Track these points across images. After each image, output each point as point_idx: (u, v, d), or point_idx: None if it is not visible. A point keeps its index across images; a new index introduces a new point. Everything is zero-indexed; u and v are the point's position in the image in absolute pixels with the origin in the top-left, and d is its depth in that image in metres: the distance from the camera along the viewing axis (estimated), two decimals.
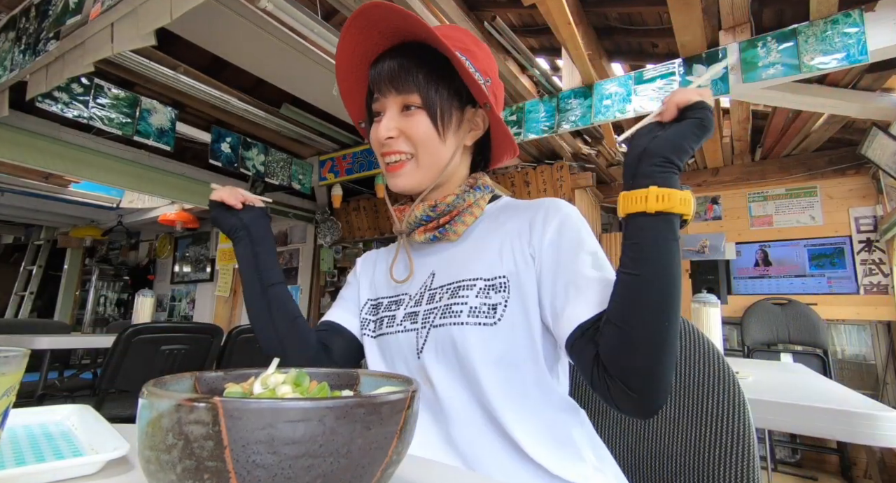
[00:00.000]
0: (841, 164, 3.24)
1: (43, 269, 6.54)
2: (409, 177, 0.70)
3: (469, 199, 0.73)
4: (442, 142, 0.69)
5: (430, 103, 0.67)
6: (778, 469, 3.08)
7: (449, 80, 0.69)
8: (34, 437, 0.49)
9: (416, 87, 0.67)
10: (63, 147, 3.28)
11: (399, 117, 0.69)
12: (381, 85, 0.69)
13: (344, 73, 0.74)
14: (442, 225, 0.72)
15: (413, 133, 0.68)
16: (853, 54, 1.85)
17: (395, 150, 0.69)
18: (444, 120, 0.69)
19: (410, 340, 0.69)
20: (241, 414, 0.28)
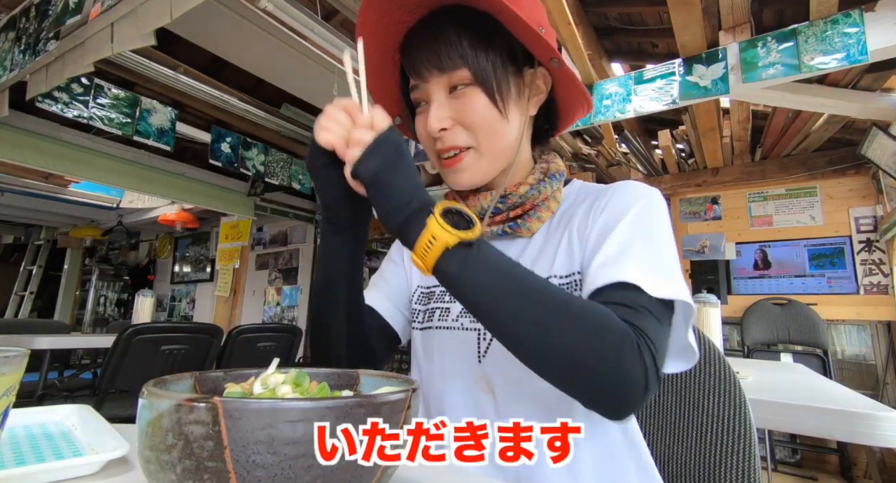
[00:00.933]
0: (841, 164, 3.24)
1: (43, 269, 6.54)
2: (471, 170, 0.59)
3: (545, 191, 0.63)
4: (505, 119, 0.58)
5: (483, 76, 0.56)
6: (778, 469, 3.08)
7: (498, 41, 0.57)
8: (34, 437, 0.49)
9: (462, 59, 0.55)
10: (63, 147, 3.28)
11: (448, 102, 0.57)
12: (419, 67, 0.57)
13: (370, 64, 0.59)
14: (513, 219, 0.63)
15: (469, 117, 0.57)
16: (853, 54, 1.85)
17: (451, 144, 0.58)
18: (503, 92, 0.57)
19: (469, 341, 0.61)
20: (241, 414, 0.28)
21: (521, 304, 0.45)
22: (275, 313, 4.84)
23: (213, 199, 4.21)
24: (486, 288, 0.45)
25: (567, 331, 0.44)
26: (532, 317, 0.44)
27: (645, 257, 0.51)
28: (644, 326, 0.46)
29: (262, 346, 2.65)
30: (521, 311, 0.45)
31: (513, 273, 0.47)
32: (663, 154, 3.58)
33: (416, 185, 0.49)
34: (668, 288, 0.49)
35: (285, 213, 4.60)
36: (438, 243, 0.44)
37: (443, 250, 0.45)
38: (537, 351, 0.45)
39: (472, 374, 0.60)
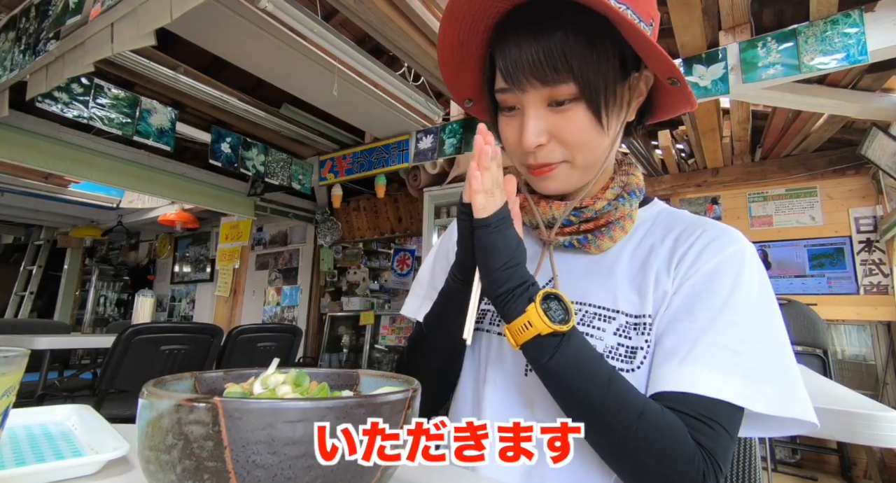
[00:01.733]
0: (841, 165, 3.24)
1: (43, 269, 6.54)
2: (562, 181, 0.57)
3: (623, 209, 0.59)
4: (605, 134, 0.54)
5: (591, 93, 0.51)
6: (778, 469, 3.08)
7: (610, 48, 0.51)
8: (34, 437, 0.49)
9: (570, 73, 0.49)
10: (63, 147, 3.28)
11: (547, 116, 0.53)
12: (518, 76, 0.51)
13: (450, 44, 0.56)
14: (583, 232, 0.59)
15: (570, 136, 0.53)
16: (853, 54, 1.85)
17: (545, 161, 0.55)
18: (609, 106, 0.52)
19: (517, 352, 0.57)
20: (241, 414, 0.28)
21: (599, 404, 0.46)
22: (275, 313, 4.84)
23: (213, 199, 4.21)
24: (567, 381, 0.47)
25: (637, 443, 0.45)
26: (606, 418, 0.46)
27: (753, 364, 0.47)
28: (714, 449, 0.45)
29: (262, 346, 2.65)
30: (597, 410, 0.46)
31: (597, 372, 0.47)
32: (663, 154, 3.58)
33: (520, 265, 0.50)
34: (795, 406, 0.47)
35: (285, 214, 4.60)
36: (533, 330, 0.47)
37: (535, 336, 0.47)
38: (607, 450, 0.47)
39: (515, 385, 0.58)
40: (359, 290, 5.18)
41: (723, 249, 0.53)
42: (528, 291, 0.48)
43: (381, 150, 3.50)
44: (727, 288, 0.50)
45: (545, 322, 0.46)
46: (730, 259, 0.52)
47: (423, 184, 3.64)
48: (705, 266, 0.52)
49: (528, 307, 0.47)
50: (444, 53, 0.57)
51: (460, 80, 0.62)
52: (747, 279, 0.51)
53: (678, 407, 0.47)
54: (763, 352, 0.48)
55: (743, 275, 0.51)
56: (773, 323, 0.50)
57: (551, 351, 0.47)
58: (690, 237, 0.56)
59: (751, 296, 0.50)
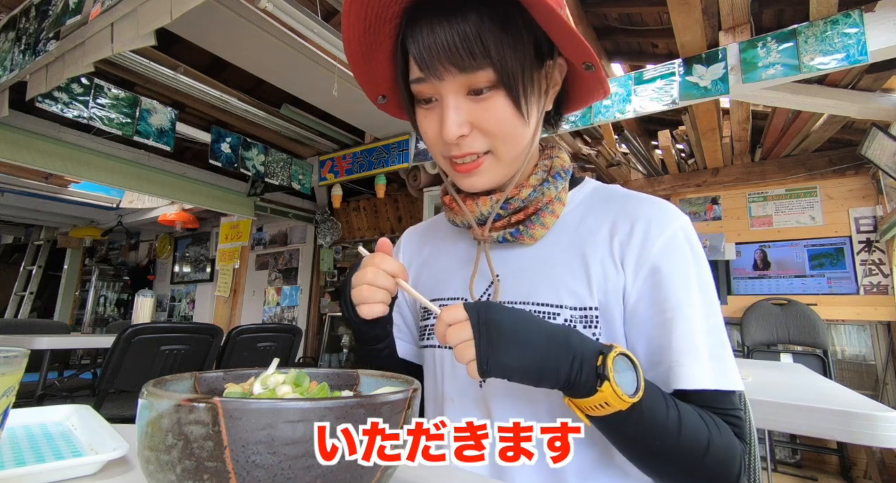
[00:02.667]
0: (841, 165, 3.24)
1: (43, 270, 6.54)
2: (489, 174, 0.55)
3: (549, 193, 0.57)
4: (525, 123, 0.53)
5: (510, 79, 0.49)
6: (778, 469, 3.08)
7: (525, 34, 0.49)
8: (34, 437, 0.49)
9: (488, 60, 0.48)
10: (63, 147, 3.28)
11: (467, 105, 0.51)
12: (435, 65, 0.48)
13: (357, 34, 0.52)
14: (514, 225, 0.58)
15: (490, 126, 0.51)
16: (853, 54, 1.85)
17: (468, 151, 0.53)
18: (527, 95, 0.51)
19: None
20: (241, 414, 0.28)
21: (671, 452, 0.46)
22: (275, 313, 4.84)
23: (213, 200, 4.21)
24: (641, 441, 0.46)
25: (706, 472, 0.47)
26: (677, 463, 0.47)
27: (725, 347, 0.52)
28: (745, 435, 0.51)
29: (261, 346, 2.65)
30: (670, 458, 0.46)
31: (667, 423, 0.46)
32: (663, 154, 3.58)
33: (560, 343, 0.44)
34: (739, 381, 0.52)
35: (285, 214, 4.60)
36: (610, 408, 0.43)
37: (612, 413, 0.44)
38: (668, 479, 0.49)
39: (472, 397, 0.58)
40: None
41: (663, 232, 0.54)
42: (592, 365, 0.43)
43: (380, 151, 3.50)
44: (679, 280, 0.52)
45: (624, 399, 0.42)
46: (673, 241, 0.53)
47: (423, 184, 3.64)
48: (652, 256, 0.53)
49: (603, 386, 0.42)
50: (351, 43, 0.53)
51: (371, 74, 0.59)
52: (692, 259, 0.53)
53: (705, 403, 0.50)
54: (721, 330, 0.52)
55: (688, 256, 0.53)
56: (715, 298, 0.54)
57: (629, 422, 0.44)
58: (626, 222, 0.55)
59: (702, 275, 0.53)
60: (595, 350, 0.44)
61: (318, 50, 2.25)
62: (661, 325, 0.51)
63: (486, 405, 0.57)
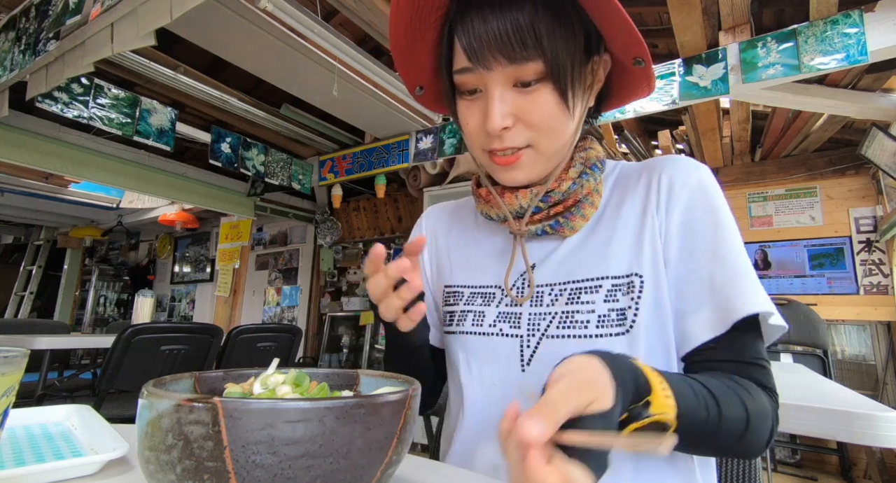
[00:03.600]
0: (841, 165, 3.24)
1: (43, 270, 6.54)
2: (528, 168, 0.54)
3: (588, 185, 0.57)
4: (570, 117, 0.52)
5: (559, 72, 0.48)
6: (778, 469, 3.08)
7: (575, 26, 0.49)
8: (34, 437, 0.49)
9: (538, 51, 0.47)
10: (63, 147, 3.28)
11: (513, 97, 0.50)
12: (485, 54, 0.48)
13: (403, 22, 0.51)
14: (553, 217, 0.58)
15: (536, 119, 0.50)
16: (853, 54, 1.85)
17: (510, 144, 0.52)
18: (575, 88, 0.50)
19: (510, 349, 0.57)
20: (241, 414, 0.28)
21: (717, 440, 0.46)
22: (275, 313, 4.84)
23: (213, 200, 4.21)
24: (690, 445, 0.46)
25: (744, 444, 0.47)
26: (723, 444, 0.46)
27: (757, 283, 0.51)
28: (773, 385, 0.50)
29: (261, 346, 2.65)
30: (718, 445, 0.47)
31: (709, 418, 0.44)
32: (663, 154, 3.58)
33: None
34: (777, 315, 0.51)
35: (285, 214, 4.60)
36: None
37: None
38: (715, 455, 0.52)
39: (514, 382, 0.57)
40: (359, 290, 5.17)
41: (686, 184, 0.55)
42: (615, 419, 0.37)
43: (380, 151, 3.50)
44: (709, 222, 0.53)
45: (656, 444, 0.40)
46: (698, 187, 0.55)
47: (423, 184, 3.64)
48: (679, 202, 0.54)
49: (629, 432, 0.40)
50: (397, 32, 0.53)
51: (412, 63, 0.58)
52: (719, 203, 0.55)
53: (731, 357, 0.50)
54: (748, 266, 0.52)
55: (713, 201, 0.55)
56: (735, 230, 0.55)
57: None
58: (659, 178, 0.56)
59: (727, 220, 0.55)
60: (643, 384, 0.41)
61: (318, 50, 2.25)
62: (708, 274, 0.52)
63: (528, 388, 0.56)
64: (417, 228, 0.74)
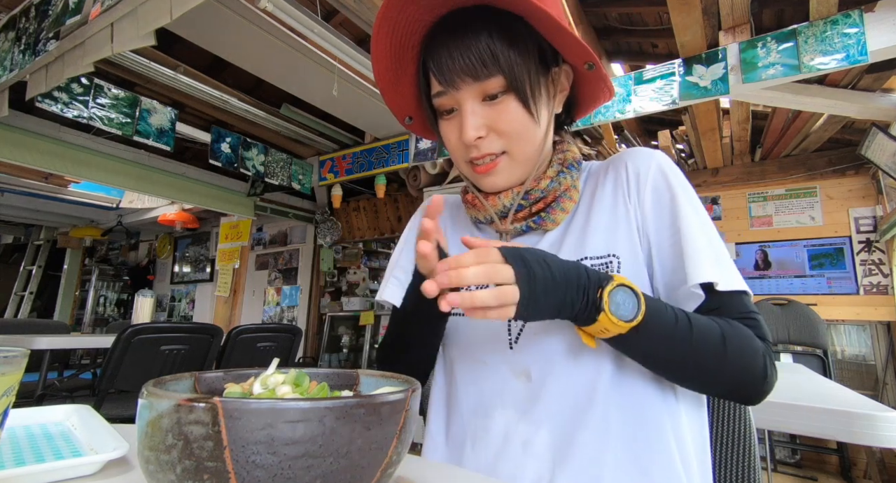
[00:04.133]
0: (841, 165, 3.24)
1: (43, 270, 6.53)
2: (506, 173, 0.61)
3: (565, 182, 0.63)
4: (536, 124, 0.59)
5: (518, 84, 0.55)
6: (778, 469, 3.08)
7: (530, 44, 0.56)
8: (34, 437, 0.49)
9: (497, 68, 0.54)
10: (63, 147, 3.28)
11: (483, 110, 0.57)
12: (452, 77, 0.56)
13: (385, 64, 0.60)
14: (536, 213, 0.64)
15: (505, 126, 0.57)
16: (853, 54, 1.85)
17: (486, 152, 0.59)
18: (536, 98, 0.57)
19: (497, 328, 0.62)
20: (241, 414, 0.28)
21: (690, 355, 0.50)
22: (275, 313, 4.84)
23: (213, 200, 4.21)
24: (655, 353, 0.51)
25: (725, 366, 0.50)
26: (699, 362, 0.50)
27: (726, 255, 0.56)
28: (765, 334, 0.53)
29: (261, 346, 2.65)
30: (689, 361, 0.50)
31: (677, 330, 0.50)
32: None
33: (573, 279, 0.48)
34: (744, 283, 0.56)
35: (285, 214, 4.60)
36: (609, 333, 0.48)
37: (614, 336, 0.49)
38: (703, 387, 0.54)
39: (503, 360, 0.61)
40: (359, 290, 5.17)
41: (648, 170, 0.61)
42: (588, 299, 0.48)
43: (380, 151, 3.50)
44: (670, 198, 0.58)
45: (621, 325, 0.47)
46: (657, 174, 0.60)
47: (423, 184, 3.64)
48: (647, 190, 0.60)
49: (600, 316, 0.47)
50: (381, 74, 0.61)
51: (398, 98, 0.66)
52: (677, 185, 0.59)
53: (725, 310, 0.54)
54: (719, 241, 0.57)
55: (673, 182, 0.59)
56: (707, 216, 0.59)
57: (635, 341, 0.49)
58: (626, 170, 0.62)
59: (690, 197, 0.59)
60: (597, 284, 0.48)
61: (318, 50, 2.25)
62: (672, 246, 0.56)
63: (520, 364, 0.60)
64: (424, 207, 0.77)
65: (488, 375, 0.62)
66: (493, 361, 0.62)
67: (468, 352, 0.65)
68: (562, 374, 0.57)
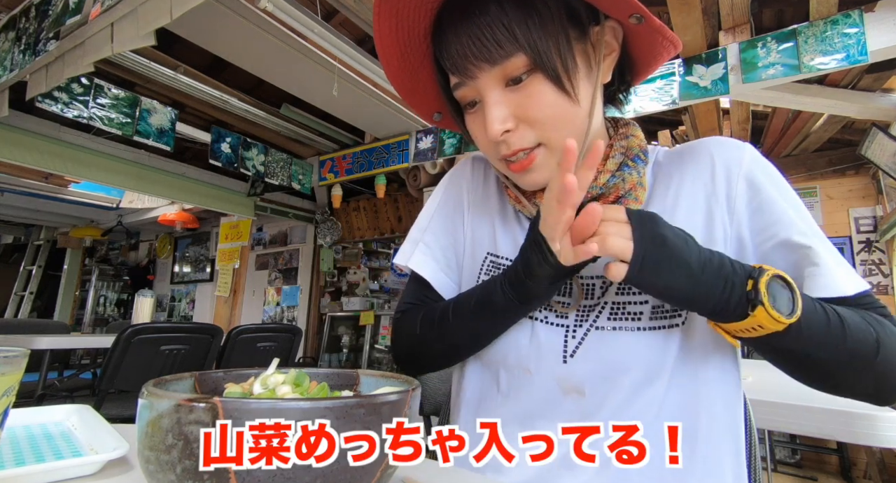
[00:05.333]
0: (841, 165, 3.24)
1: (43, 270, 6.53)
2: (545, 169, 0.51)
3: (631, 179, 0.53)
4: (575, 103, 0.48)
5: (545, 60, 0.46)
6: (778, 469, 3.08)
7: (549, 6, 0.46)
8: (34, 437, 0.49)
9: (515, 44, 0.45)
10: (63, 147, 3.28)
11: (507, 98, 0.48)
12: (464, 64, 0.47)
13: (395, 63, 0.53)
14: None
15: (535, 113, 0.48)
16: (853, 54, 1.85)
17: (518, 147, 0.50)
18: (571, 71, 0.47)
19: (553, 338, 0.53)
20: (241, 414, 0.28)
21: (839, 359, 0.44)
22: (275, 313, 4.84)
23: (213, 200, 4.21)
24: (803, 356, 0.45)
25: (877, 369, 0.44)
26: (848, 369, 0.45)
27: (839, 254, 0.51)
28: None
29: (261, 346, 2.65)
30: (839, 365, 0.45)
31: (831, 330, 0.44)
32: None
33: (714, 268, 0.42)
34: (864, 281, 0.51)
35: (285, 214, 4.60)
36: (763, 330, 0.42)
37: (767, 335, 0.43)
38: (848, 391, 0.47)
39: (554, 374, 0.53)
40: (359, 290, 5.17)
41: (740, 163, 0.53)
42: (742, 290, 0.42)
43: (380, 151, 3.50)
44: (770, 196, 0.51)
45: (781, 320, 0.41)
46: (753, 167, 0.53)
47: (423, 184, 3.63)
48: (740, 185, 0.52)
49: (756, 311, 0.41)
50: (392, 67, 0.53)
51: (420, 94, 0.58)
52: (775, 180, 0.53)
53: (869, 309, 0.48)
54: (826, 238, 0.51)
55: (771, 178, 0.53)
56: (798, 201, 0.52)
57: (787, 340, 0.43)
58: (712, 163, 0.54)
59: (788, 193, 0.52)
60: (745, 274, 0.43)
61: (318, 50, 2.25)
62: (776, 250, 0.50)
63: (570, 380, 0.52)
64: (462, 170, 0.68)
65: (534, 389, 0.54)
66: (538, 371, 0.54)
67: (514, 359, 0.55)
68: (619, 396, 0.50)
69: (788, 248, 0.49)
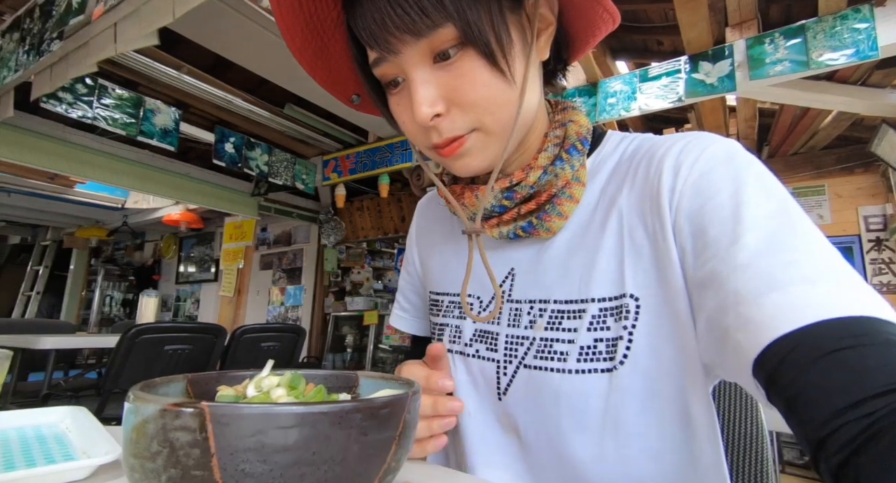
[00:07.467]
0: (849, 162, 3.20)
1: (49, 270, 6.58)
2: (479, 154, 0.45)
3: (564, 174, 0.47)
4: (509, 82, 0.42)
5: (476, 31, 0.39)
6: (786, 470, 3.05)
7: None
8: (26, 439, 0.48)
9: (445, 15, 0.38)
10: (67, 148, 3.29)
11: (436, 76, 0.42)
12: (385, 37, 0.40)
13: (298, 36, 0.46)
14: (525, 216, 0.48)
15: (468, 92, 0.41)
16: (863, 50, 1.82)
17: (450, 135, 0.43)
18: (505, 46, 0.41)
19: (488, 373, 0.51)
20: (230, 420, 0.26)
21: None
22: (279, 313, 4.84)
23: (217, 200, 4.22)
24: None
25: None
26: None
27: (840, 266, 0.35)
28: None
29: (266, 345, 2.65)
30: None
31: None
32: None
33: None
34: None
35: (289, 213, 4.61)
36: None
37: None
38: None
39: (492, 411, 0.51)
40: (363, 289, 5.17)
41: (696, 162, 0.41)
42: None
43: (384, 150, 3.49)
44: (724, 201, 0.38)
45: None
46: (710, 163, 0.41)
47: (427, 183, 3.62)
48: (686, 187, 0.41)
49: None
50: (295, 43, 0.46)
51: (334, 73, 0.51)
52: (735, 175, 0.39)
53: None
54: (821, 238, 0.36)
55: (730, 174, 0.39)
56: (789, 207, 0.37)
57: None
58: (655, 174, 0.43)
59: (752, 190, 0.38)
60: None
61: None
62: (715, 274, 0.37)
63: (509, 420, 0.50)
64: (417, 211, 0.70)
65: (478, 425, 0.52)
66: (479, 410, 0.52)
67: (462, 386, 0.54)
68: (557, 440, 0.45)
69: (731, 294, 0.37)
